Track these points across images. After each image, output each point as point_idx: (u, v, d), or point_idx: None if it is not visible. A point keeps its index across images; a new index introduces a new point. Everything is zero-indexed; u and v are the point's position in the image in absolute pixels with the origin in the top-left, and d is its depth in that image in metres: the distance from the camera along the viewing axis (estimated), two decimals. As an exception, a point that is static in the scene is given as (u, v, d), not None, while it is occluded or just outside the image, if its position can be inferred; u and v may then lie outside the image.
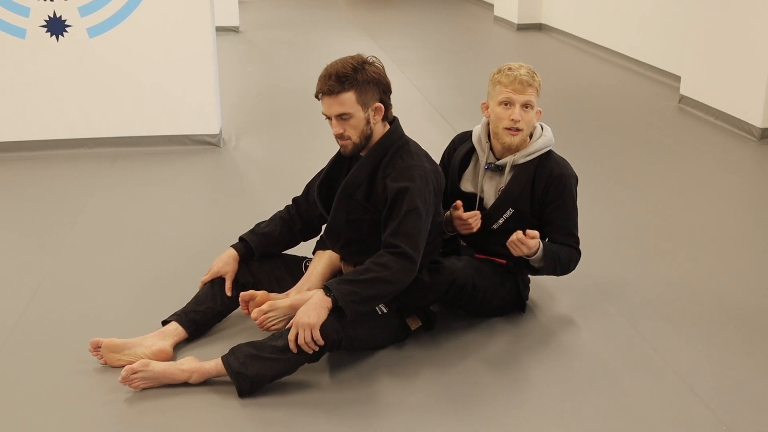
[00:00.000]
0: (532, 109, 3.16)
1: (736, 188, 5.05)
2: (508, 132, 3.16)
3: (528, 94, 3.12)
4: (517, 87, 3.12)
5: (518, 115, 3.12)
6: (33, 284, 3.63)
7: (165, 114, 5.58)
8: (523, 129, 3.16)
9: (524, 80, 3.12)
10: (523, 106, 3.13)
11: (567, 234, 3.24)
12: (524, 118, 3.14)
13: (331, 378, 2.90)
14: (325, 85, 2.87)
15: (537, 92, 3.16)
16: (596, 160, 5.50)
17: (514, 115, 3.12)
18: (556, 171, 3.19)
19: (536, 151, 3.21)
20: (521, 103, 3.12)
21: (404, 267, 2.81)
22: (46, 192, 4.84)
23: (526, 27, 11.35)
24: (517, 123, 3.13)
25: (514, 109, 3.12)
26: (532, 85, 3.13)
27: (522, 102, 3.12)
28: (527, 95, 3.12)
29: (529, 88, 3.12)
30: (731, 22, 6.20)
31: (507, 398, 2.81)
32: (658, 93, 7.58)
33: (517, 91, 3.12)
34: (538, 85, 3.16)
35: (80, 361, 2.98)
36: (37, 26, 5.25)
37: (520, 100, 3.12)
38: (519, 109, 3.12)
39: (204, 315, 3.14)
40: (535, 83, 3.14)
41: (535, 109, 3.17)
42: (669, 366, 3.00)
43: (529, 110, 3.15)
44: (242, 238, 3.29)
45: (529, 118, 3.16)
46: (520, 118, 3.12)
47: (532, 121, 3.18)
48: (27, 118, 5.44)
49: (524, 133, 3.17)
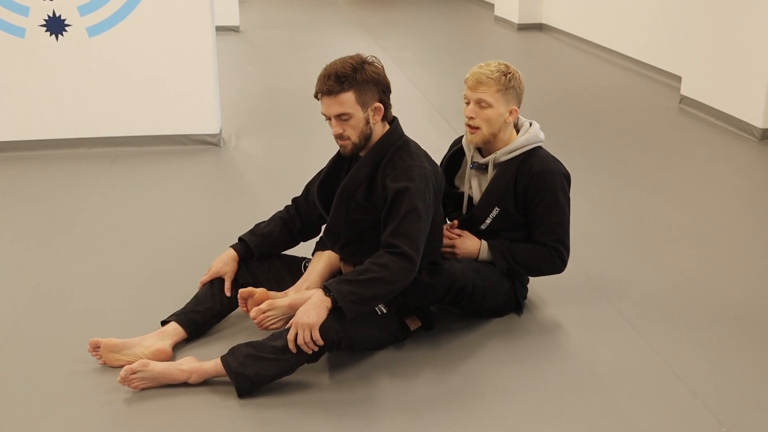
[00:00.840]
0: (489, 107, 3.09)
1: (736, 189, 5.04)
2: (468, 129, 3.17)
3: (480, 92, 3.09)
4: (471, 84, 3.12)
5: (470, 112, 3.11)
6: (32, 284, 3.62)
7: (165, 114, 5.57)
8: (480, 127, 3.12)
9: (479, 78, 3.09)
10: (477, 103, 3.10)
11: (546, 232, 3.17)
12: (480, 115, 3.10)
13: (330, 378, 2.89)
14: (324, 85, 2.86)
15: (498, 90, 3.08)
16: (596, 161, 5.50)
17: (467, 111, 3.13)
18: (537, 168, 3.15)
19: (518, 148, 3.17)
20: (474, 101, 3.11)
21: (404, 267, 2.80)
22: (46, 192, 4.84)
23: (526, 27, 11.35)
24: (470, 120, 3.12)
25: (469, 106, 3.13)
26: (485, 83, 3.08)
27: (475, 99, 3.11)
28: (479, 92, 3.09)
29: (481, 86, 3.08)
30: (732, 22, 6.20)
31: (506, 398, 2.80)
32: (659, 93, 7.58)
33: (471, 89, 3.12)
34: (501, 84, 3.08)
35: (79, 361, 2.97)
36: (37, 25, 5.25)
37: (473, 98, 3.11)
38: (473, 106, 3.11)
39: (203, 315, 3.14)
40: (490, 82, 3.07)
41: (498, 108, 3.10)
42: (668, 367, 2.99)
43: (485, 108, 3.10)
44: (241, 239, 3.28)
45: (487, 116, 3.10)
46: (473, 115, 3.11)
47: (492, 119, 3.11)
48: (26, 118, 5.43)
49: (484, 131, 3.13)
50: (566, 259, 3.23)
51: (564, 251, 3.21)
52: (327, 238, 3.10)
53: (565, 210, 3.20)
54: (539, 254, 3.18)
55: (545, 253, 3.18)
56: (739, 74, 6.13)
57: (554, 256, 3.19)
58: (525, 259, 3.18)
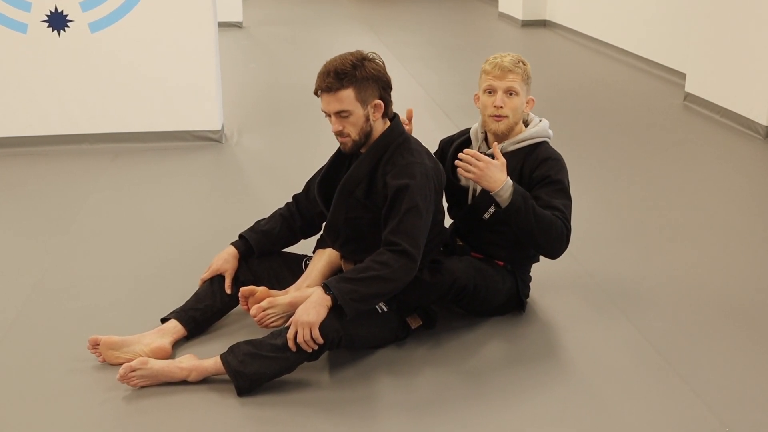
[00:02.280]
0: (516, 96, 3.11)
1: (740, 186, 5.02)
2: (493, 119, 3.14)
3: (509, 80, 3.09)
4: (498, 73, 3.10)
5: (500, 101, 3.10)
6: (31, 280, 3.61)
7: (166, 110, 5.56)
8: (508, 115, 3.12)
9: (505, 67, 3.09)
10: (506, 92, 3.10)
11: (551, 207, 3.04)
12: (508, 104, 3.11)
13: (330, 377, 2.88)
14: (323, 82, 2.85)
15: (523, 79, 3.11)
16: (600, 158, 5.48)
17: (496, 101, 3.10)
18: (543, 154, 3.14)
19: (527, 139, 3.17)
20: (503, 89, 3.10)
21: (404, 265, 2.79)
22: (47, 188, 4.83)
23: (530, 23, 11.33)
24: (500, 109, 3.11)
25: (497, 95, 3.11)
26: (513, 71, 3.09)
27: (504, 88, 3.10)
28: (508, 81, 3.09)
29: (510, 74, 3.09)
30: (737, 19, 6.17)
31: (508, 397, 2.78)
32: (663, 90, 7.55)
33: (498, 78, 3.10)
34: (524, 74, 3.12)
35: (78, 358, 2.96)
36: (39, 21, 5.24)
37: (502, 86, 3.10)
38: (501, 95, 3.10)
39: (203, 313, 3.12)
40: (517, 70, 3.10)
41: (522, 97, 3.13)
42: (670, 366, 2.97)
43: (513, 97, 3.11)
44: (242, 236, 3.27)
45: (514, 104, 3.12)
46: (502, 104, 3.10)
47: (518, 108, 3.13)
48: (28, 114, 5.43)
49: (510, 119, 3.13)
50: (569, 236, 3.08)
51: (569, 227, 3.08)
52: (327, 235, 3.09)
53: (570, 197, 3.16)
54: (553, 218, 3.03)
55: (557, 219, 3.03)
56: (744, 71, 6.11)
57: (563, 225, 3.05)
58: (541, 213, 2.99)
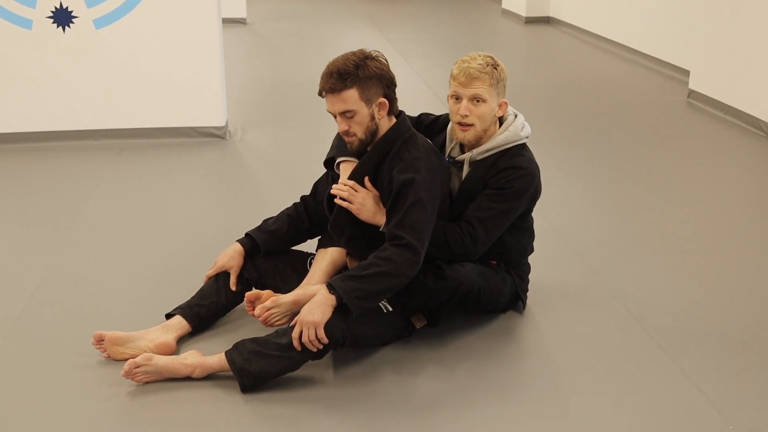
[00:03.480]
0: (484, 103, 2.99)
1: (745, 184, 5.01)
2: (459, 127, 3.04)
3: (475, 87, 2.97)
4: (463, 80, 2.99)
5: (465, 109, 2.99)
6: (37, 276, 3.62)
7: (171, 106, 5.56)
8: (474, 124, 3.01)
9: (471, 73, 2.97)
10: (471, 100, 2.99)
11: (475, 209, 2.98)
12: (474, 112, 3.00)
13: (335, 374, 2.89)
14: (327, 83, 2.84)
15: (491, 84, 2.98)
16: (603, 156, 5.47)
17: (461, 109, 3.00)
18: (505, 164, 3.03)
19: (495, 147, 3.05)
20: (468, 97, 2.99)
21: (408, 259, 2.78)
22: (52, 183, 4.84)
23: (534, 20, 11.31)
24: (465, 118, 3.00)
25: (462, 103, 3.01)
26: (479, 78, 2.97)
27: (469, 96, 2.99)
28: (474, 88, 2.98)
29: (475, 81, 2.97)
30: (741, 16, 6.16)
31: (511, 396, 2.79)
32: (667, 87, 7.54)
33: (464, 85, 2.99)
34: (493, 78, 2.99)
35: (83, 354, 2.97)
36: (44, 17, 5.24)
37: (467, 94, 2.99)
38: (467, 104, 2.99)
39: (208, 309, 3.13)
40: (484, 77, 2.97)
41: (491, 103, 3.01)
42: (676, 364, 2.97)
43: (480, 104, 2.99)
44: (248, 234, 3.26)
45: (481, 112, 3.00)
46: (467, 112, 2.99)
47: (485, 115, 3.01)
48: (33, 110, 5.43)
49: (477, 127, 3.02)
50: (480, 243, 2.98)
51: (482, 235, 2.97)
52: (332, 232, 3.08)
53: (510, 206, 3.02)
54: (448, 228, 2.96)
55: (456, 229, 2.95)
56: (748, 69, 6.09)
57: (466, 233, 2.95)
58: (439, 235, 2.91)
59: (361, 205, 2.92)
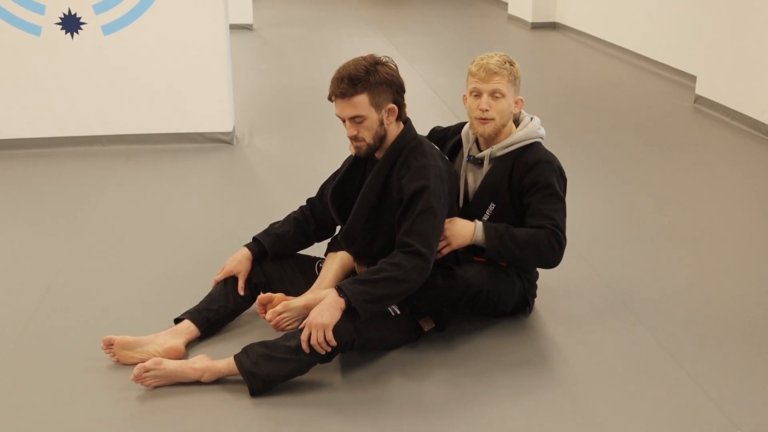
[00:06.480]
0: (503, 98, 3.08)
1: (751, 189, 5.01)
2: (479, 122, 3.12)
3: (494, 83, 3.06)
4: (483, 76, 3.07)
5: (486, 104, 3.07)
6: (46, 281, 3.63)
7: (178, 111, 5.59)
8: (494, 118, 3.09)
9: (490, 69, 3.06)
10: (492, 94, 3.08)
11: (542, 217, 3.04)
12: (494, 107, 3.08)
13: (343, 378, 2.89)
14: (337, 88, 2.85)
15: (509, 80, 3.08)
16: (610, 161, 5.47)
17: (481, 104, 3.08)
18: (533, 158, 3.11)
19: (515, 142, 3.14)
20: (488, 92, 3.07)
21: (417, 266, 2.79)
22: (60, 189, 4.86)
23: (540, 26, 11.32)
24: (485, 112, 3.08)
25: (482, 98, 3.08)
26: (498, 74, 3.06)
27: (489, 91, 3.07)
28: (494, 83, 3.06)
29: (495, 76, 3.06)
30: (748, 21, 6.16)
31: (519, 400, 2.79)
32: (673, 93, 7.54)
33: (484, 80, 3.07)
34: (511, 74, 3.09)
35: (92, 358, 2.98)
36: (52, 24, 5.27)
37: (487, 89, 3.07)
38: (487, 98, 3.07)
39: (217, 313, 3.14)
40: (503, 72, 3.07)
41: (509, 98, 3.10)
42: (682, 367, 2.97)
43: (499, 99, 3.08)
44: (256, 238, 3.28)
45: (501, 107, 3.09)
46: (488, 107, 3.07)
47: (504, 110, 3.10)
48: (41, 115, 5.46)
49: (497, 122, 3.10)
50: (563, 244, 3.06)
51: (561, 236, 3.05)
52: (344, 242, 3.10)
53: (562, 199, 3.13)
54: (537, 235, 3.02)
55: (542, 235, 3.02)
56: (755, 74, 6.09)
57: (551, 238, 3.02)
58: (522, 240, 3.00)
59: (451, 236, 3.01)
